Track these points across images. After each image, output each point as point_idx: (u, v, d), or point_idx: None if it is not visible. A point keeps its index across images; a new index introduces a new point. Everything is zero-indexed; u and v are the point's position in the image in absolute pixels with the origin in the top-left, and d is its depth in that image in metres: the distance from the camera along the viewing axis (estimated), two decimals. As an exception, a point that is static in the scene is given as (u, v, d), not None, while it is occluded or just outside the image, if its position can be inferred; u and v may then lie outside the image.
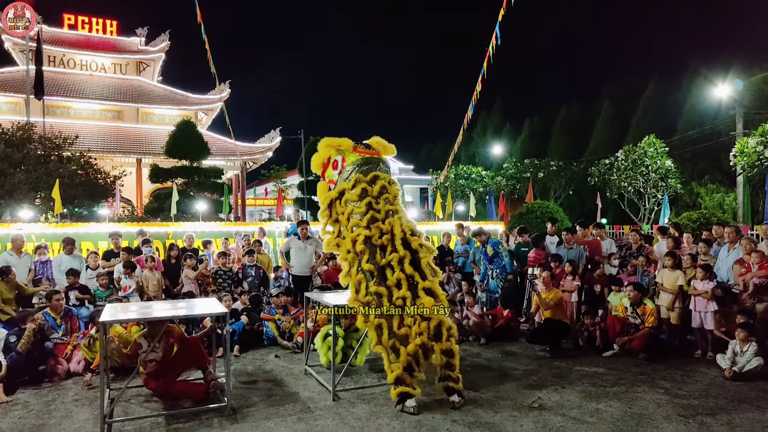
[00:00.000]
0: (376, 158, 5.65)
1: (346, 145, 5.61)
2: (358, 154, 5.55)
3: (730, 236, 7.43)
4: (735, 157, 17.09)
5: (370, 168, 5.51)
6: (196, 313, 5.37)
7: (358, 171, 5.45)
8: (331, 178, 5.71)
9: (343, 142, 5.64)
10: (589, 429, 4.47)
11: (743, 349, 6.03)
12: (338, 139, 5.67)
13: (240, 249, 10.01)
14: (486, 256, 8.89)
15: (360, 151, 5.58)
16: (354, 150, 5.58)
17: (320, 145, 5.75)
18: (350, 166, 5.53)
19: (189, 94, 30.98)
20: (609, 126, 31.70)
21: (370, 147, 5.67)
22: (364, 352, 6.20)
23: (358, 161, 5.52)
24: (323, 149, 5.73)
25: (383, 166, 5.69)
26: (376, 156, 5.66)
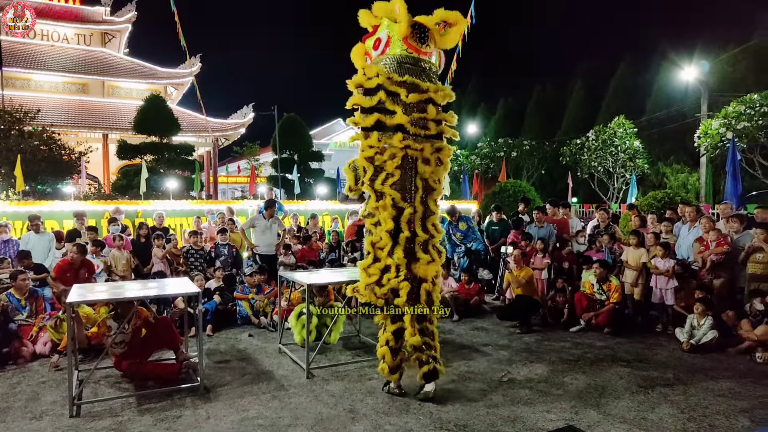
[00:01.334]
0: (425, 61, 4.59)
1: (402, 26, 4.42)
2: (405, 48, 4.46)
3: (691, 215, 7.69)
4: (699, 138, 17.57)
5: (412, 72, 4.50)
6: (167, 293, 5.32)
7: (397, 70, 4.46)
8: (370, 51, 4.70)
9: (401, 19, 4.41)
10: (554, 401, 4.64)
11: (700, 323, 6.31)
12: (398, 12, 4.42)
13: (213, 228, 9.91)
14: (461, 232, 9.04)
15: (409, 44, 4.46)
16: (404, 40, 4.44)
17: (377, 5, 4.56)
18: (389, 58, 4.50)
19: (158, 67, 30.07)
20: (581, 106, 32.12)
21: (426, 41, 4.52)
22: (338, 329, 6.27)
23: (401, 56, 4.47)
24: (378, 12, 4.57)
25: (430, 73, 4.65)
26: (425, 57, 4.58)
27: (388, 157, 4.47)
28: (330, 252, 9.48)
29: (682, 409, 4.46)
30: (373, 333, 6.96)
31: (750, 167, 17.63)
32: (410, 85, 4.46)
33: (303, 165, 24.22)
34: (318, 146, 32.35)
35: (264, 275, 7.85)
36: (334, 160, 40.58)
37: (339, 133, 48.31)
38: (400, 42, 4.46)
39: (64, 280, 6.65)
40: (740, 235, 7.12)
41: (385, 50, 4.54)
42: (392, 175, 4.47)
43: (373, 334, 6.89)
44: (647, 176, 24.00)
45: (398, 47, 4.47)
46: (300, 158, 24.31)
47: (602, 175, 22.92)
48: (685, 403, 4.59)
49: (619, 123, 22.10)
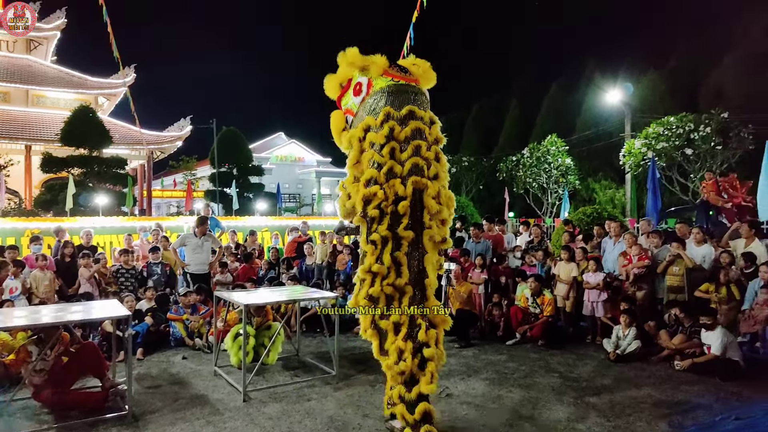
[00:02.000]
0: (414, 87, 4.17)
1: (378, 64, 4.15)
2: (389, 78, 4.11)
3: (615, 230, 8.14)
4: (624, 156, 18.69)
5: (405, 99, 4.04)
6: (92, 317, 5.04)
7: (388, 103, 4.01)
8: (350, 107, 4.32)
9: (374, 60, 4.17)
10: (491, 415, 4.75)
11: (625, 334, 6.66)
12: (364, 57, 4.20)
13: (145, 246, 9.52)
14: None
15: (393, 74, 4.13)
16: (385, 73, 4.13)
17: (342, 60, 4.27)
18: (378, 94, 4.09)
19: (88, 77, 28.69)
20: (516, 124, 33.38)
21: (408, 72, 4.22)
22: (277, 350, 6.16)
23: (389, 87, 4.07)
24: (345, 67, 4.27)
25: (422, 98, 4.20)
26: (413, 84, 4.19)
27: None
28: (269, 269, 9.32)
29: (608, 418, 4.68)
30: (312, 352, 6.91)
31: (669, 184, 18.89)
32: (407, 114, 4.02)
33: (242, 179, 23.76)
34: (258, 160, 31.89)
35: (201, 295, 7.60)
36: (275, 174, 40.12)
37: (280, 147, 47.86)
38: (382, 77, 4.14)
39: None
40: (659, 250, 7.61)
41: (368, 91, 4.16)
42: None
43: (312, 353, 6.83)
44: (578, 192, 25.20)
45: (383, 82, 4.12)
46: (239, 172, 23.84)
47: (537, 191, 23.86)
48: (611, 412, 4.82)
49: (551, 141, 23.15)
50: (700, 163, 17.51)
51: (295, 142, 48.64)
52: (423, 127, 4.02)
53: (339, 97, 4.43)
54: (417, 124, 3.98)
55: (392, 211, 3.89)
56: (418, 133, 3.99)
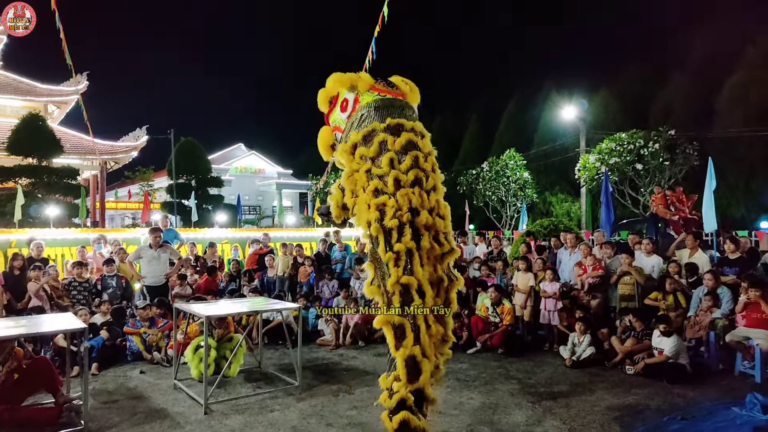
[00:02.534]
0: (401, 101, 4.19)
1: (363, 80, 4.20)
2: (376, 93, 4.12)
3: (571, 242, 8.46)
4: (579, 171, 19.40)
5: (393, 112, 4.04)
6: (44, 331, 4.89)
7: (375, 117, 4.01)
8: (338, 123, 4.34)
9: (358, 76, 4.25)
10: (452, 421, 4.85)
11: (580, 340, 6.91)
12: (351, 75, 4.27)
13: (99, 258, 9.24)
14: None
15: (380, 89, 4.16)
16: (372, 88, 4.15)
17: (330, 79, 4.34)
18: (364, 109, 4.09)
19: (37, 83, 27.67)
20: (476, 138, 34.11)
21: (395, 86, 4.24)
22: (239, 361, 6.10)
23: (376, 102, 4.07)
24: (332, 84, 4.32)
25: (410, 112, 4.18)
26: (400, 98, 4.21)
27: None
28: (230, 282, 9.21)
29: (564, 420, 4.85)
30: (275, 364, 6.86)
31: (621, 198, 19.67)
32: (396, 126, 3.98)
33: (201, 191, 23.35)
34: (217, 171, 31.41)
35: (160, 309, 7.43)
36: (234, 185, 39.53)
37: (240, 158, 47.24)
38: (369, 93, 4.13)
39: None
40: (612, 260, 7.95)
41: (355, 107, 4.16)
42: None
43: (274, 365, 6.78)
44: (536, 205, 25.92)
45: (369, 97, 4.11)
46: (198, 184, 23.43)
47: (496, 204, 24.41)
48: (566, 415, 4.99)
49: (510, 155, 23.79)
50: (649, 178, 18.33)
51: (255, 153, 48.11)
52: (415, 139, 3.96)
53: (327, 113, 4.43)
54: (409, 136, 3.94)
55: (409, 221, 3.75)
56: (411, 144, 3.93)
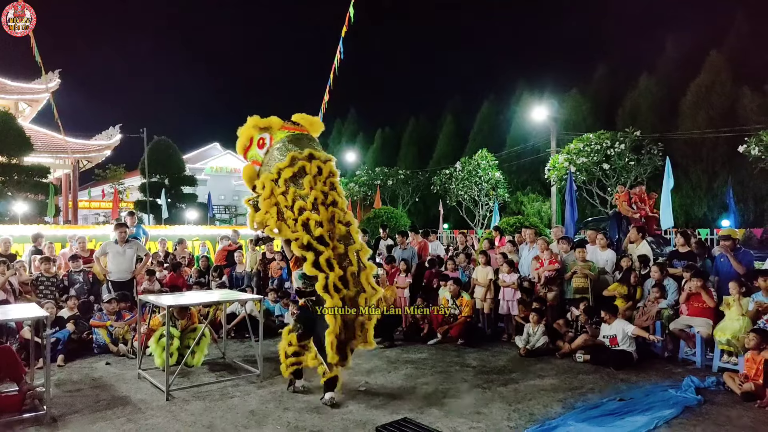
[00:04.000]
0: (307, 134, 5.33)
1: (274, 123, 5.25)
2: (286, 131, 5.19)
3: (530, 237, 8.80)
4: (549, 171, 19.87)
5: (303, 144, 5.12)
6: (9, 318, 5.01)
7: (291, 148, 5.03)
8: (256, 158, 5.25)
9: (270, 120, 5.27)
10: (404, 403, 5.11)
11: (534, 330, 7.23)
12: (264, 119, 5.28)
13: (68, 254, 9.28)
14: None
15: (288, 127, 5.23)
16: (283, 127, 5.22)
17: (244, 127, 5.29)
18: (279, 143, 5.12)
19: (7, 81, 27.24)
20: (451, 139, 34.46)
21: (299, 124, 5.34)
22: (202, 351, 6.28)
23: (287, 137, 5.14)
24: (246, 131, 5.28)
25: (314, 144, 5.30)
26: (305, 132, 5.34)
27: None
28: (199, 277, 9.35)
29: (510, 403, 5.15)
30: (240, 355, 7.04)
31: (589, 197, 20.21)
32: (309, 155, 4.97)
33: (174, 190, 23.26)
34: (193, 171, 31.28)
35: (128, 303, 7.55)
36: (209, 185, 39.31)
37: (215, 158, 46.97)
38: (280, 131, 5.21)
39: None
40: (568, 254, 8.29)
41: (271, 143, 5.19)
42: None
43: (239, 357, 6.96)
44: (508, 204, 26.37)
45: (282, 134, 5.18)
46: (171, 183, 23.33)
47: (469, 203, 24.79)
48: (513, 398, 5.30)
49: (482, 156, 24.17)
50: (616, 178, 18.86)
51: (231, 153, 47.80)
52: (321, 165, 4.98)
53: (245, 152, 5.38)
54: (318, 162, 4.96)
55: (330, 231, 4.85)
56: (319, 169, 4.95)
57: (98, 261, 8.22)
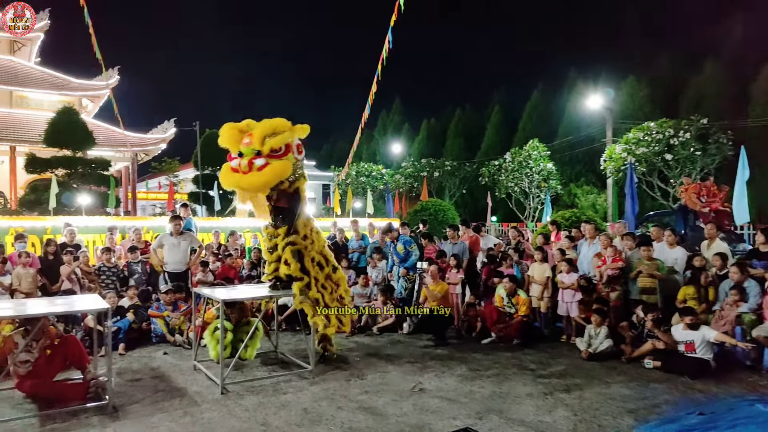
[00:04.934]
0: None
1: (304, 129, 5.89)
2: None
3: (590, 233, 8.37)
4: (605, 162, 19.05)
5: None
6: (75, 309, 5.16)
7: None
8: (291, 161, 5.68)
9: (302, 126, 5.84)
10: (461, 408, 4.92)
11: (597, 332, 6.87)
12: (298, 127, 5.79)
13: (128, 245, 9.56)
14: (398, 255, 9.00)
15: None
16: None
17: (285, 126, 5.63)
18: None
19: (72, 78, 28.50)
20: (499, 129, 33.69)
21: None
22: (255, 345, 6.28)
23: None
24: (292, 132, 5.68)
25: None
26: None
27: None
28: (252, 269, 9.42)
29: (575, 412, 4.87)
30: (291, 349, 7.03)
31: (650, 189, 19.25)
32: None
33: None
34: (245, 163, 31.69)
35: (182, 293, 7.69)
36: (261, 177, 39.87)
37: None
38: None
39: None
40: (633, 252, 7.83)
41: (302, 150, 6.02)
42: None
43: (290, 350, 6.95)
44: (560, 196, 25.55)
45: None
46: (223, 174, 23.74)
47: (519, 195, 24.15)
48: (578, 406, 5.00)
49: (533, 146, 23.46)
50: (679, 169, 17.87)
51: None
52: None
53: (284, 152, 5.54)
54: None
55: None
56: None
57: (155, 253, 8.40)
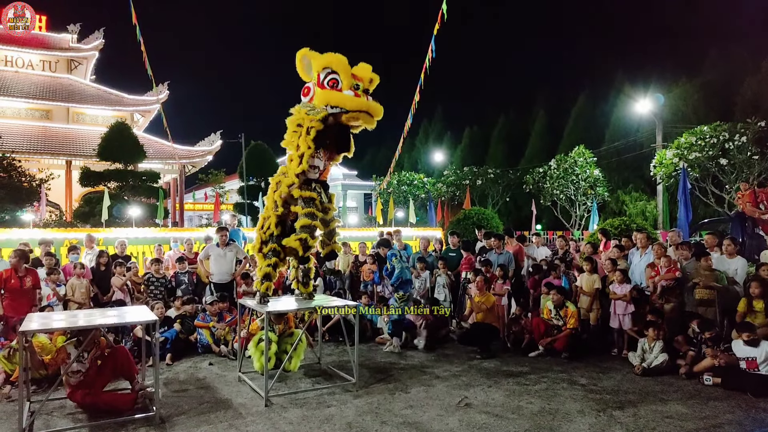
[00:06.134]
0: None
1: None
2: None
3: (642, 242, 8.01)
4: (655, 167, 18.32)
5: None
6: (125, 321, 5.28)
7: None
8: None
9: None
10: (509, 425, 4.74)
11: (651, 346, 6.54)
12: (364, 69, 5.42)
13: (175, 256, 9.79)
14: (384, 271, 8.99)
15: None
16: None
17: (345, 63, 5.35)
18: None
19: (124, 94, 29.80)
20: (543, 135, 33.10)
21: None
22: (299, 357, 6.27)
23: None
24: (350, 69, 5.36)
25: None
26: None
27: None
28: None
29: (630, 431, 4.61)
30: (334, 360, 7.00)
31: (704, 196, 18.39)
32: None
33: (271, 192, 24.06)
34: (287, 173, 32.19)
35: (225, 303, 7.80)
36: (303, 187, 40.45)
37: (309, 161, 48.29)
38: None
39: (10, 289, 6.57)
40: (688, 262, 7.45)
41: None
42: None
43: (333, 362, 6.92)
44: (608, 204, 24.78)
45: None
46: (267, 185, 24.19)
47: (564, 203, 23.54)
48: (634, 425, 4.75)
49: (579, 153, 22.85)
50: (735, 174, 17.00)
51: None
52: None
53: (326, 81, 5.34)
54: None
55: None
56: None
57: (202, 263, 8.57)
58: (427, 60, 9.59)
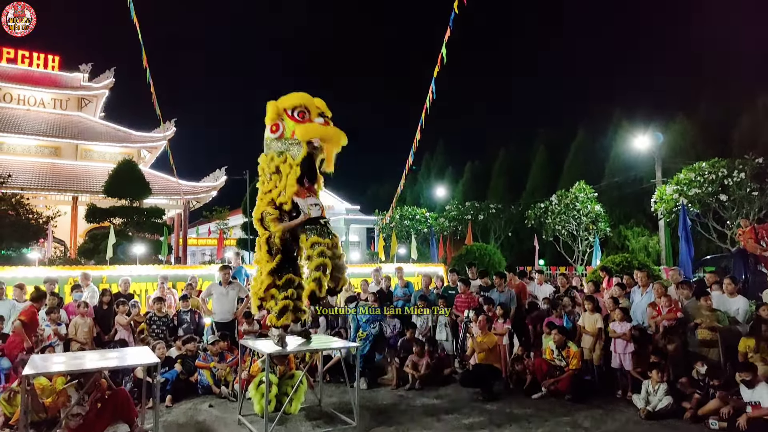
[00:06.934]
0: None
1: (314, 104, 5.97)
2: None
3: (643, 280, 8.02)
4: (656, 203, 18.41)
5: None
6: (126, 364, 5.29)
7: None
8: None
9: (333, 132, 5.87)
10: (511, 470, 4.69)
11: (655, 389, 6.47)
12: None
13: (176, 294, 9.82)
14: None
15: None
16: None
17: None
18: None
19: (132, 131, 30.37)
20: (544, 169, 33.39)
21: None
22: (299, 399, 6.24)
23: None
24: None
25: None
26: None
27: None
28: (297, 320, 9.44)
29: (634, 477, 4.56)
30: (334, 402, 6.94)
31: (706, 232, 18.40)
32: None
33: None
34: (291, 209, 32.45)
35: (227, 342, 7.79)
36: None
37: (313, 196, 48.60)
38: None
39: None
40: (689, 301, 7.44)
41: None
42: None
43: (334, 403, 6.86)
44: (610, 239, 24.77)
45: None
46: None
47: (566, 238, 23.55)
48: (637, 470, 4.69)
49: (579, 188, 23.00)
50: (736, 210, 17.07)
51: (324, 190, 49.30)
52: None
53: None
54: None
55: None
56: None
57: (204, 303, 8.59)
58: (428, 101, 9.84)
